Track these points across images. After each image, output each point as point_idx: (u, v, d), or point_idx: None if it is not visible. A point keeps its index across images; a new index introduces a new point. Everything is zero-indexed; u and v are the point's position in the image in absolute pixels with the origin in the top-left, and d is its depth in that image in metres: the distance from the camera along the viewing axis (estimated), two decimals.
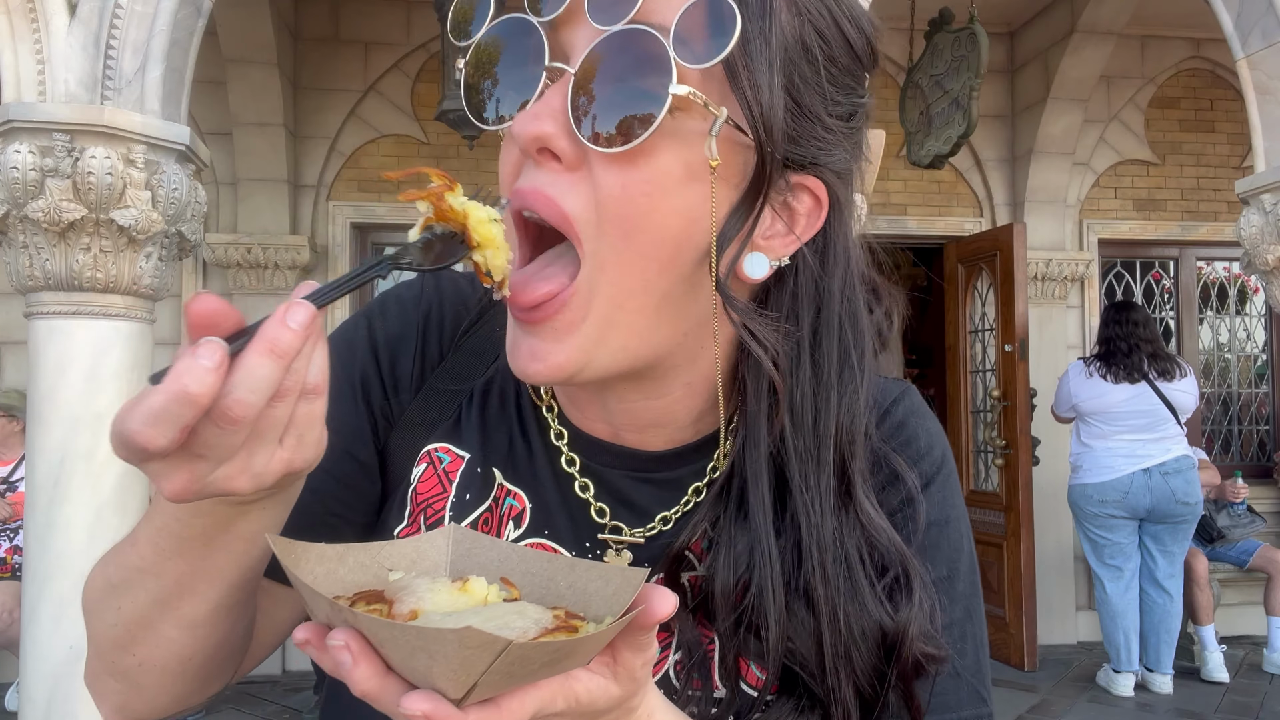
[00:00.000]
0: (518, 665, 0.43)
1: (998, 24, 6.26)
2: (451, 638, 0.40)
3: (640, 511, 0.70)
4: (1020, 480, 5.53)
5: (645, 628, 0.47)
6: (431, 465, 0.72)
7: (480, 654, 0.41)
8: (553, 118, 0.56)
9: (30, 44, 3.02)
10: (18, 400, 4.72)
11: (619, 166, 0.56)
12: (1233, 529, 5.47)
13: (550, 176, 0.58)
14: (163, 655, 0.62)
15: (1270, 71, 3.64)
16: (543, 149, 0.57)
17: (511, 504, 0.70)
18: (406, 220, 5.85)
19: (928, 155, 5.00)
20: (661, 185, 0.57)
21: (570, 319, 0.59)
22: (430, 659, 0.42)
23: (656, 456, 0.70)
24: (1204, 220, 6.49)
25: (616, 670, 0.48)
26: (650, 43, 0.55)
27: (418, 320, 0.75)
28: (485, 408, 0.73)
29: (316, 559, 0.52)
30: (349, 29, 5.75)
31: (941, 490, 0.71)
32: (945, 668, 0.66)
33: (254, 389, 0.45)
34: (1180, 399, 5.01)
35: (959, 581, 0.70)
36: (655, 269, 0.59)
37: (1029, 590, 5.51)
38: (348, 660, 0.43)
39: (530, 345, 0.60)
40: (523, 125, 0.57)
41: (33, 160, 2.95)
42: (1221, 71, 6.43)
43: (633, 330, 0.60)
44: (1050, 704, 4.96)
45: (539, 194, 0.58)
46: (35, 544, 3.05)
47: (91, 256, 3.04)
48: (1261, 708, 4.88)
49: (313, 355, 0.48)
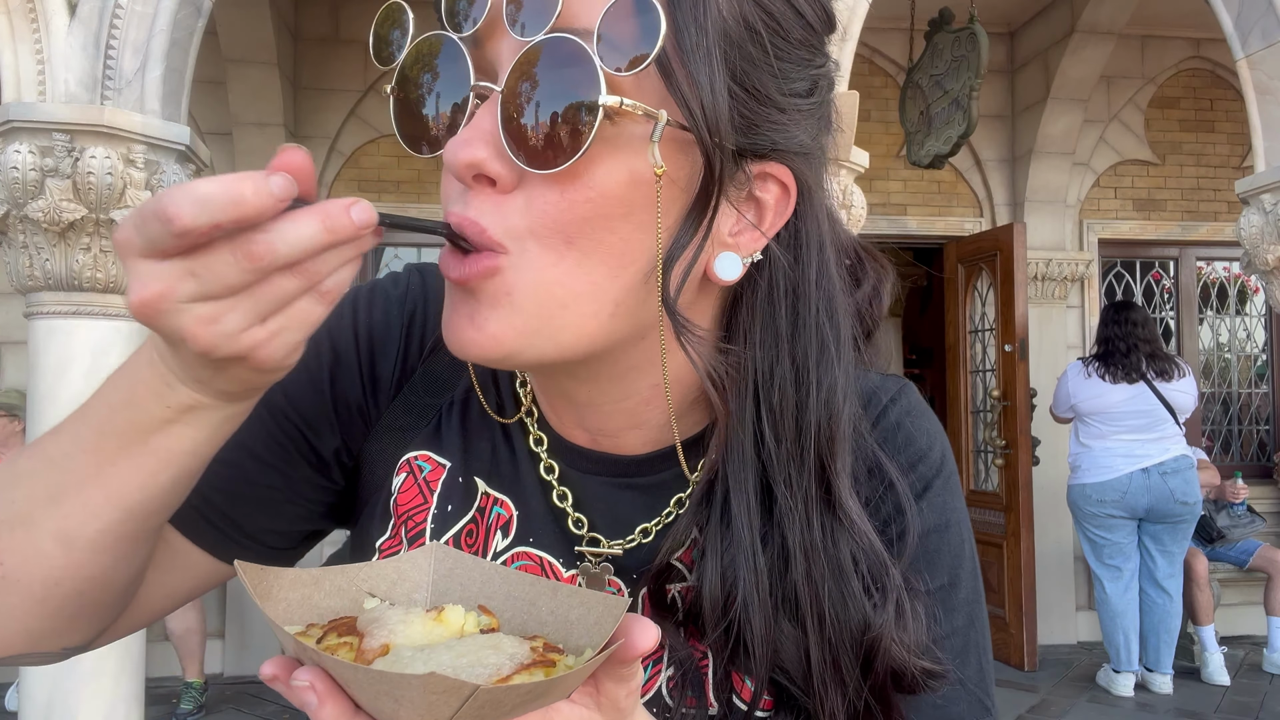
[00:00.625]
0: (488, 708, 0.42)
1: (998, 24, 6.26)
2: (416, 684, 0.39)
3: (621, 521, 0.67)
4: (1020, 480, 5.53)
5: (625, 661, 0.45)
6: (412, 474, 0.70)
7: (446, 699, 0.40)
8: (484, 141, 0.53)
9: (30, 44, 3.03)
10: (18, 400, 4.72)
11: (558, 184, 0.53)
12: (1233, 529, 5.47)
13: (484, 202, 0.54)
14: (30, 570, 0.56)
15: (1270, 71, 3.64)
16: (477, 175, 0.54)
17: (499, 513, 0.68)
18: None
19: (928, 155, 5.00)
20: (605, 197, 0.54)
21: (500, 289, 0.55)
22: (396, 703, 0.41)
23: (637, 461, 0.67)
24: (1204, 220, 6.49)
25: (600, 701, 0.46)
26: (574, 51, 0.51)
27: (402, 321, 0.72)
28: (466, 414, 0.71)
29: (291, 584, 0.50)
30: (349, 29, 5.75)
31: (942, 494, 0.68)
32: (944, 685, 0.64)
33: (289, 243, 0.43)
34: (1179, 399, 5.01)
35: (961, 589, 0.68)
36: (604, 274, 0.55)
37: (1029, 590, 5.51)
38: (313, 700, 0.42)
39: (470, 309, 0.55)
40: (454, 152, 0.53)
41: (33, 160, 2.95)
42: (1221, 71, 6.43)
43: (581, 330, 0.56)
44: (1050, 704, 4.96)
45: (471, 223, 0.54)
46: None
47: (91, 256, 3.04)
48: (1261, 708, 4.88)
49: (344, 263, 0.46)
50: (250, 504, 0.69)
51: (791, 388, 0.62)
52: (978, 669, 0.68)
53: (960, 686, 0.66)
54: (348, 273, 0.47)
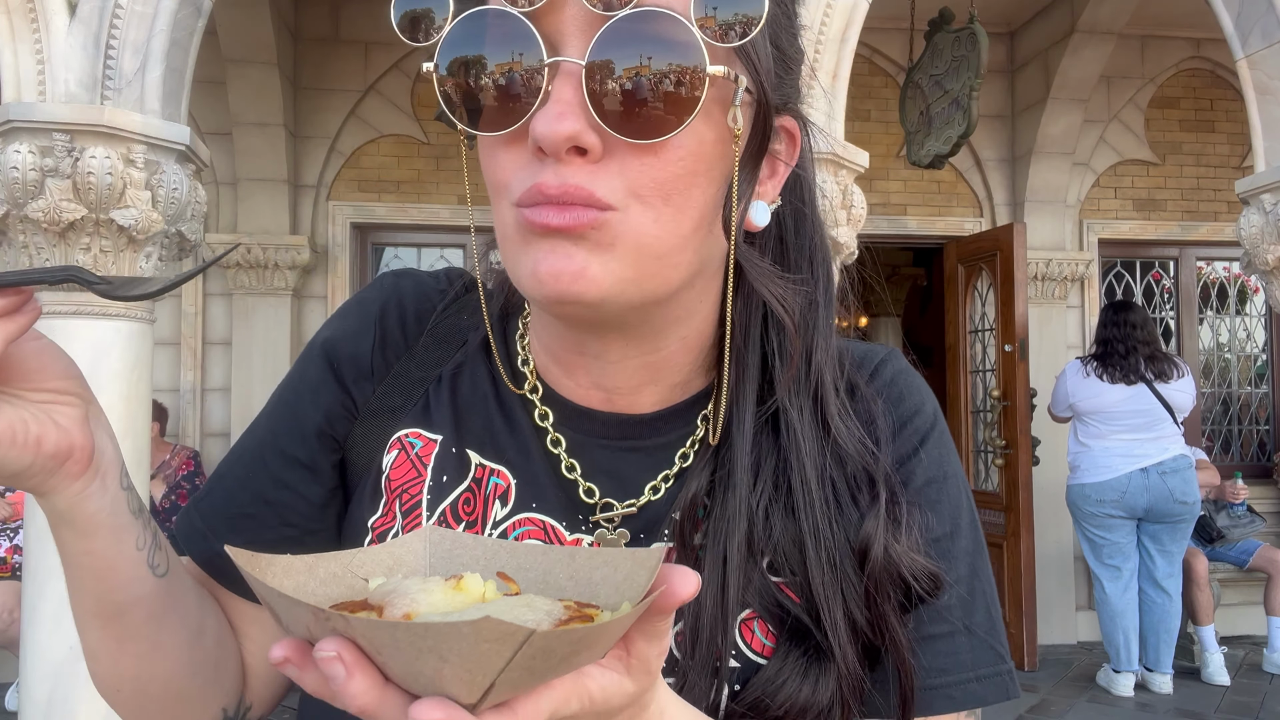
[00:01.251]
0: (539, 659, 0.39)
1: (998, 24, 6.26)
2: (467, 631, 0.36)
3: (629, 483, 0.68)
4: (1020, 480, 5.53)
5: (666, 611, 0.44)
6: (403, 451, 0.71)
7: (499, 648, 0.37)
8: (575, 114, 0.54)
9: (30, 44, 3.03)
10: None
11: (652, 149, 0.56)
12: (1232, 529, 5.47)
13: (578, 171, 0.55)
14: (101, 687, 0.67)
15: (1270, 71, 3.64)
16: (571, 147, 0.55)
17: (496, 483, 0.69)
18: (407, 220, 5.87)
19: (928, 155, 4.99)
20: (695, 157, 0.57)
21: (606, 238, 0.56)
22: (441, 660, 0.37)
23: (647, 420, 0.69)
24: (1204, 220, 6.49)
25: (630, 664, 0.45)
26: (673, 27, 0.53)
27: (374, 314, 0.75)
28: (456, 391, 0.72)
29: (283, 571, 0.47)
30: (349, 29, 5.75)
31: (938, 447, 0.71)
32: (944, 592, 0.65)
33: None
34: (1177, 399, 5.01)
35: (961, 538, 0.69)
36: (689, 227, 0.59)
37: (1029, 590, 5.51)
38: (340, 673, 0.38)
39: (568, 251, 0.56)
40: (551, 125, 0.53)
41: (33, 160, 2.95)
42: (1221, 71, 6.43)
43: (668, 279, 0.60)
44: (1050, 704, 4.96)
45: (577, 188, 0.55)
46: (35, 544, 3.05)
47: (91, 256, 3.04)
48: (1261, 708, 4.88)
49: None
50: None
51: (800, 317, 0.67)
52: (986, 616, 0.68)
53: (969, 634, 0.67)
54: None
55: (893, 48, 6.00)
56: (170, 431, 5.37)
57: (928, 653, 0.65)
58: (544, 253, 0.56)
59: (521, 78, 0.55)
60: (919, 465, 0.69)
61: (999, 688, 0.67)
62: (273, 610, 0.42)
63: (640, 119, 0.54)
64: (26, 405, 0.54)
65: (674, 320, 0.65)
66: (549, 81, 0.54)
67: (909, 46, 5.33)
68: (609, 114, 0.54)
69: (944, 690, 0.65)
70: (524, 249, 0.58)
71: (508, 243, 0.60)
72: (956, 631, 0.66)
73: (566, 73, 0.54)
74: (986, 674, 0.67)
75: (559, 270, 0.56)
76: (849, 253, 3.60)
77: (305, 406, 0.73)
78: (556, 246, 0.56)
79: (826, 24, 3.49)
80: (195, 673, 0.67)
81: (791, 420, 0.66)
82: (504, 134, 0.56)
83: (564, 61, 0.54)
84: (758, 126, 0.61)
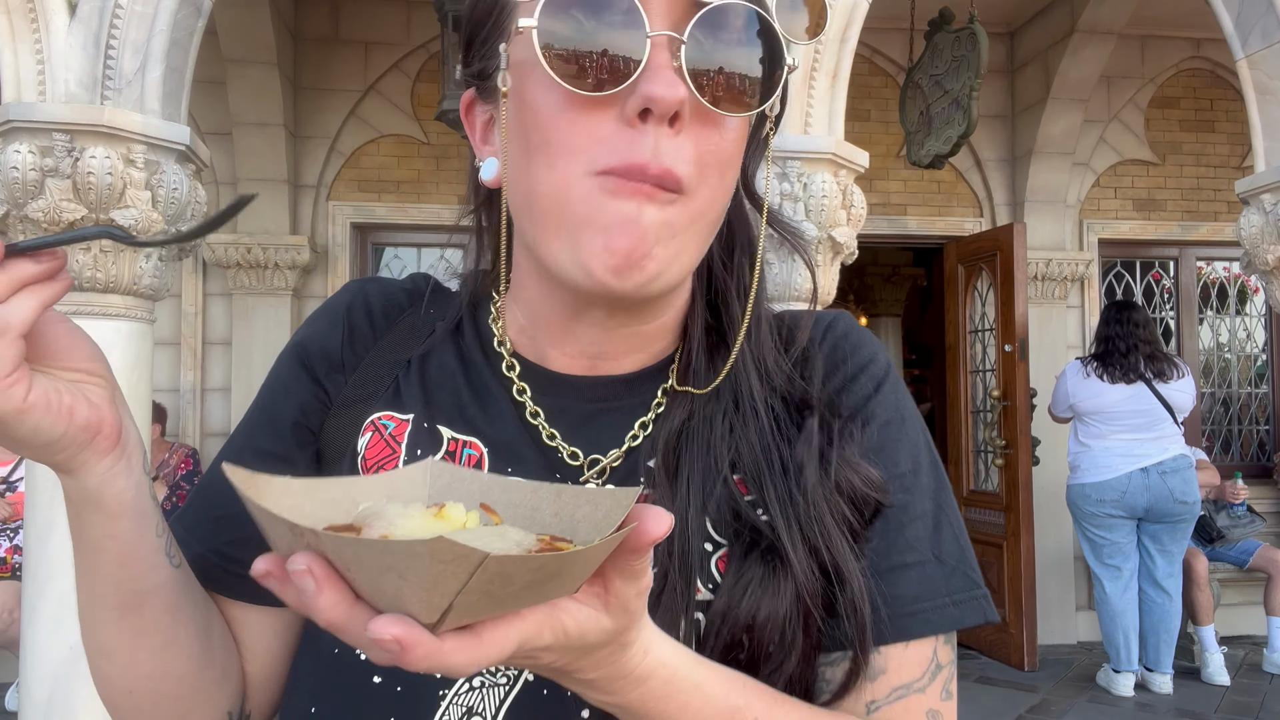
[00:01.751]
0: (497, 584, 0.39)
1: (998, 24, 6.26)
2: (422, 551, 0.36)
3: (609, 439, 0.71)
4: (1020, 480, 5.53)
5: (638, 550, 0.44)
6: (377, 432, 0.73)
7: (454, 569, 0.37)
8: (682, 83, 0.59)
9: (30, 44, 3.03)
10: None
11: (717, 126, 0.62)
12: (1232, 529, 5.47)
13: (666, 144, 0.60)
14: (112, 691, 0.67)
15: (1270, 71, 3.64)
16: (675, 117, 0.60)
17: (469, 454, 0.71)
18: (406, 220, 5.87)
19: (928, 155, 4.99)
20: (742, 138, 0.65)
21: (672, 221, 0.61)
22: (400, 578, 0.38)
23: (625, 380, 0.73)
24: (1204, 220, 6.49)
25: (608, 601, 0.45)
26: (762, 20, 0.61)
27: (342, 312, 0.78)
28: (425, 373, 0.75)
29: (282, 492, 0.47)
30: (349, 29, 5.75)
31: (893, 392, 0.74)
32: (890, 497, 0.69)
33: None
34: (1177, 399, 5.01)
35: (922, 475, 0.71)
36: (725, 200, 0.67)
37: (1029, 590, 5.51)
38: (310, 586, 0.39)
39: (639, 237, 0.60)
40: (666, 89, 0.58)
41: (33, 160, 2.95)
42: (1221, 71, 6.43)
43: (699, 250, 0.66)
44: (1050, 704, 4.96)
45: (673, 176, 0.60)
46: (35, 544, 3.05)
47: (91, 257, 3.04)
48: (1261, 708, 4.88)
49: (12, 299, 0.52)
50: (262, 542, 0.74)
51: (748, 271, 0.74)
52: (955, 545, 0.70)
53: (939, 562, 0.68)
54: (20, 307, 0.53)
55: (893, 48, 6.00)
56: (170, 431, 5.37)
57: (901, 582, 0.67)
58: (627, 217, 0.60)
59: (625, 45, 0.59)
60: (878, 406, 0.72)
61: (975, 610, 0.69)
62: (261, 527, 0.43)
63: (725, 97, 0.61)
64: (57, 378, 0.56)
65: (678, 290, 0.71)
66: (650, 53, 0.59)
67: (909, 46, 5.32)
68: (700, 87, 0.60)
69: (921, 615, 0.67)
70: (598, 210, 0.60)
71: (566, 211, 0.61)
72: (926, 561, 0.68)
73: (662, 47, 0.59)
74: (962, 598, 0.68)
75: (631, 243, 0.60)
76: (849, 252, 3.60)
77: (279, 404, 0.75)
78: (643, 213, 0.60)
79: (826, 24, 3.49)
80: (206, 670, 0.68)
81: (738, 369, 0.71)
82: (601, 95, 0.59)
83: (663, 35, 0.59)
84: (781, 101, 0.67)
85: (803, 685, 0.65)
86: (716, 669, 0.57)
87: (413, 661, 0.39)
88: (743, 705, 0.57)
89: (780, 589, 0.64)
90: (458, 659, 0.40)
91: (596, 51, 0.59)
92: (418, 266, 5.95)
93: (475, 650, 0.40)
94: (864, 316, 8.79)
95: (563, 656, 0.46)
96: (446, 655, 0.39)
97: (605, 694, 0.51)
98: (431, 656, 0.39)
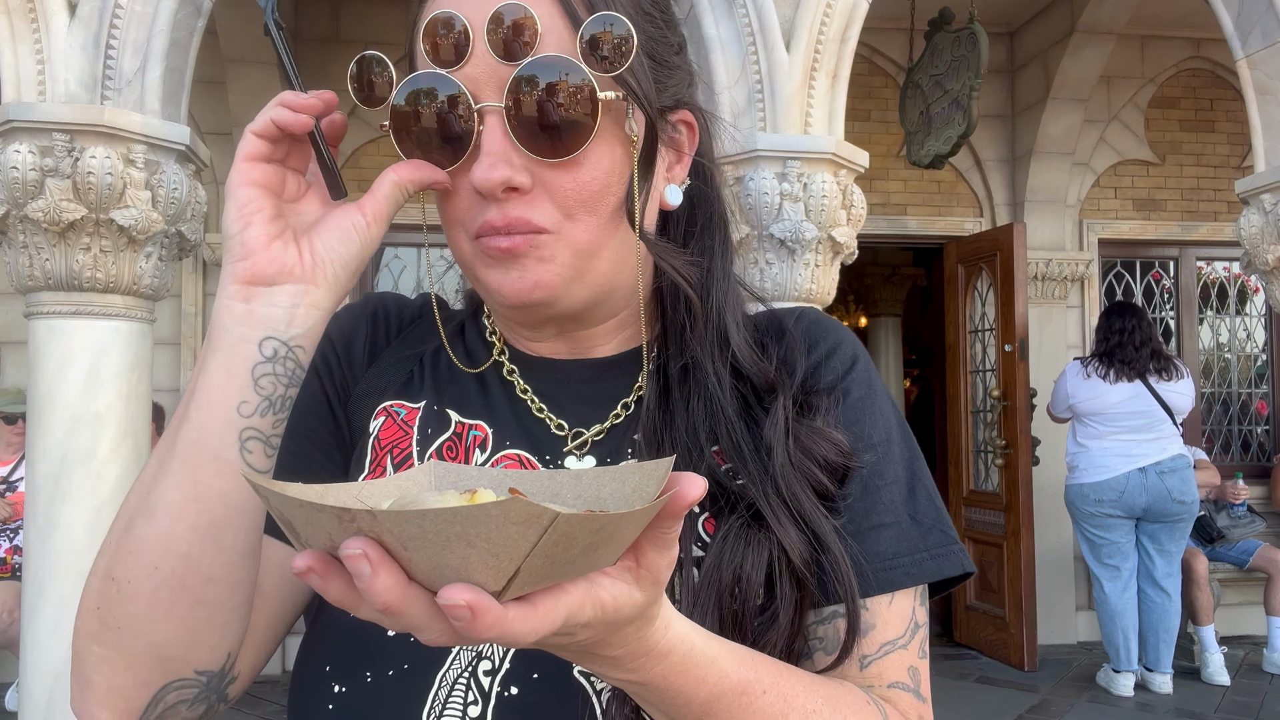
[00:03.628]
0: (560, 548, 0.39)
1: (998, 24, 6.26)
2: (495, 513, 0.37)
3: (594, 414, 0.77)
4: (1020, 480, 5.53)
5: (677, 514, 0.45)
6: (390, 418, 0.78)
7: (525, 530, 0.38)
8: (504, 159, 0.66)
9: (30, 44, 3.03)
10: (17, 398, 4.72)
11: (570, 172, 0.68)
12: (1232, 529, 5.47)
13: (516, 205, 0.67)
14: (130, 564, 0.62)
15: (1270, 71, 3.65)
16: (508, 188, 0.66)
17: (475, 434, 0.77)
18: (406, 220, 5.83)
19: (928, 155, 5.00)
20: (606, 170, 0.69)
21: (546, 253, 0.69)
22: (469, 546, 0.38)
23: (604, 362, 0.79)
24: (1204, 220, 6.49)
25: (639, 574, 0.46)
26: (568, 68, 0.65)
27: (366, 314, 0.86)
28: (436, 368, 0.81)
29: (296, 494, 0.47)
30: (349, 29, 5.75)
31: (865, 371, 0.79)
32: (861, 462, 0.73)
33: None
34: (1176, 400, 5.02)
35: (895, 445, 0.76)
36: (611, 226, 0.71)
37: (1029, 590, 5.51)
38: (366, 569, 0.39)
39: (519, 272, 0.69)
40: (486, 175, 0.65)
41: (33, 160, 2.95)
42: (1221, 71, 6.43)
43: (599, 276, 0.72)
44: (1050, 704, 4.96)
45: (520, 219, 0.67)
46: (35, 544, 3.05)
47: (91, 256, 3.04)
48: (1261, 707, 4.88)
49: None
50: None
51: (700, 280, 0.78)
52: (930, 506, 0.75)
53: (915, 522, 0.73)
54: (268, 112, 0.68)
55: (893, 48, 6.00)
56: None
57: (880, 540, 0.72)
58: (500, 274, 0.69)
59: (456, 123, 0.67)
60: (852, 384, 0.77)
61: (953, 561, 0.73)
62: (290, 525, 0.43)
63: (555, 144, 0.66)
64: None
65: (623, 287, 0.75)
66: (479, 124, 0.66)
67: (909, 46, 5.33)
68: (531, 145, 0.66)
69: (901, 568, 0.71)
70: (484, 272, 0.70)
71: (470, 268, 0.72)
72: (902, 521, 0.73)
73: (492, 115, 0.66)
74: (939, 552, 0.73)
75: (516, 287, 0.69)
76: (849, 252, 3.60)
77: (311, 387, 0.80)
78: (511, 267, 0.69)
79: (826, 24, 3.49)
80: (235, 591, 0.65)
81: (699, 357, 0.77)
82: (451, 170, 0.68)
83: (487, 106, 0.66)
84: (649, 130, 0.72)
85: (801, 645, 0.70)
86: (726, 644, 0.58)
87: (480, 629, 0.40)
88: (753, 679, 0.58)
89: (761, 544, 0.68)
90: (520, 627, 0.41)
91: (435, 135, 0.68)
92: (418, 266, 5.96)
93: (533, 619, 0.41)
94: (864, 316, 8.79)
95: (597, 633, 0.46)
96: (511, 623, 0.40)
97: (627, 672, 0.52)
98: (500, 624, 0.40)
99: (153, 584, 0.62)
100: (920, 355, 9.84)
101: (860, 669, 0.69)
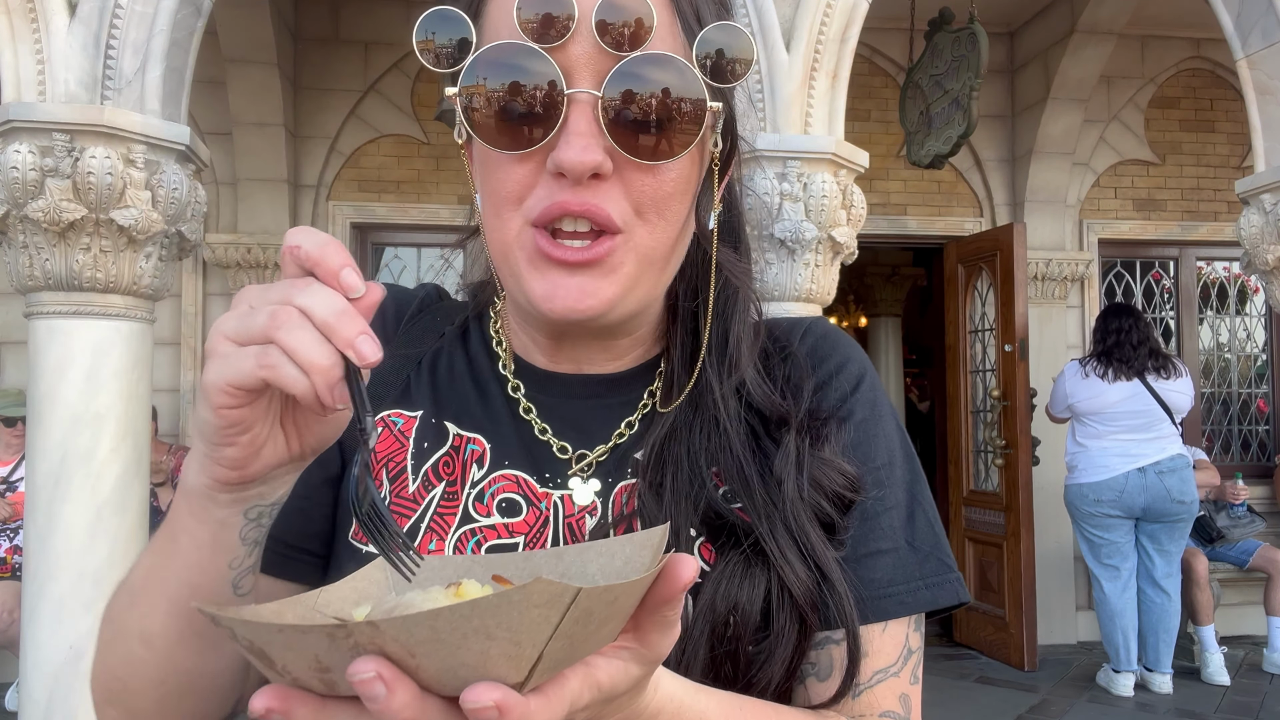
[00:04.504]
0: (579, 626, 0.37)
1: (998, 24, 6.26)
2: (518, 598, 0.34)
3: (597, 433, 0.75)
4: (1020, 480, 5.53)
5: (673, 596, 0.44)
6: (387, 428, 0.76)
7: (547, 613, 0.35)
8: (595, 143, 0.62)
9: (30, 44, 3.03)
10: (16, 400, 4.72)
11: (653, 170, 0.65)
12: (1232, 529, 5.47)
13: (594, 193, 0.63)
14: (137, 678, 0.64)
15: (1270, 71, 3.64)
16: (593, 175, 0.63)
17: (473, 449, 0.74)
18: (407, 220, 5.87)
19: (928, 155, 4.99)
20: (684, 175, 0.67)
21: (615, 262, 0.65)
22: (488, 639, 0.35)
23: (610, 379, 0.77)
24: (1204, 220, 6.49)
25: (641, 653, 0.46)
26: (683, 71, 0.63)
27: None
28: (435, 374, 0.79)
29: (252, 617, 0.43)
30: (349, 29, 5.75)
31: (870, 390, 0.78)
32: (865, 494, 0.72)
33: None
34: (1175, 399, 5.02)
35: (897, 468, 0.75)
36: (675, 234, 0.69)
37: (1029, 590, 5.51)
38: (381, 692, 0.36)
39: (580, 283, 0.65)
40: (578, 155, 0.61)
41: (33, 160, 2.95)
42: (1221, 71, 6.43)
43: (654, 283, 0.70)
44: (1050, 704, 4.96)
45: (598, 208, 0.63)
46: (35, 544, 3.05)
47: (91, 256, 3.04)
48: (1261, 707, 4.88)
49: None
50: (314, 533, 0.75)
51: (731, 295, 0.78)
52: (928, 532, 0.74)
53: (913, 549, 0.73)
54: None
55: (893, 48, 6.00)
56: (170, 431, 5.37)
57: (876, 567, 0.71)
58: (554, 281, 0.65)
59: (543, 104, 0.62)
60: (856, 404, 0.76)
61: (949, 592, 0.72)
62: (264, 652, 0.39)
63: (651, 144, 0.63)
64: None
65: (640, 313, 0.73)
66: (567, 110, 0.62)
67: (909, 46, 5.32)
68: (622, 139, 0.62)
69: (896, 597, 0.71)
70: (535, 272, 0.65)
71: (512, 257, 0.66)
72: (900, 548, 0.72)
73: (583, 102, 0.62)
74: (935, 581, 0.72)
75: (576, 299, 0.65)
76: (849, 252, 3.60)
77: None
78: (575, 272, 0.65)
79: (826, 24, 3.49)
80: (246, 667, 0.68)
81: (710, 382, 0.75)
82: (524, 153, 0.63)
83: (581, 93, 0.62)
84: (727, 146, 0.72)
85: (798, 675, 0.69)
86: (714, 695, 0.58)
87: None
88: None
89: (758, 578, 0.67)
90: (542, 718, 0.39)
91: (516, 111, 0.63)
92: (418, 266, 5.96)
93: (549, 709, 0.40)
94: (864, 316, 8.79)
95: (592, 711, 0.45)
96: (534, 715, 0.39)
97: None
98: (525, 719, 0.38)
99: (160, 693, 0.64)
100: (920, 355, 9.84)
101: (852, 697, 0.69)
